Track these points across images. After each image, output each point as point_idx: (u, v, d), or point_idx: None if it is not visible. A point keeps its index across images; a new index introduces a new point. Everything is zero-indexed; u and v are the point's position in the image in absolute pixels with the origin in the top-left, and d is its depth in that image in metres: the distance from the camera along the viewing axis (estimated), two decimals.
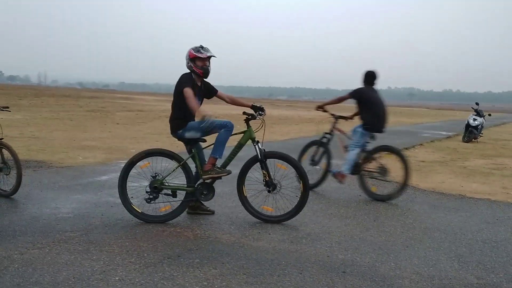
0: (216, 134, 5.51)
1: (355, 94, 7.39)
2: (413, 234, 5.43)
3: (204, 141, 5.63)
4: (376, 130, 7.34)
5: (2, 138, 6.26)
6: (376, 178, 7.28)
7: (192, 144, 5.59)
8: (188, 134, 5.50)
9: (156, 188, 5.45)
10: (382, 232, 5.44)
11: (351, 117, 7.91)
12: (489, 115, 21.25)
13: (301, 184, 5.53)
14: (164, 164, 5.59)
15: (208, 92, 5.75)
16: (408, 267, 4.35)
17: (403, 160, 7.03)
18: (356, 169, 7.29)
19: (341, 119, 7.85)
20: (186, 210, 5.74)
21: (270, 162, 5.63)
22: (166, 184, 5.50)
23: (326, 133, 7.83)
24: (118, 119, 21.16)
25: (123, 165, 5.54)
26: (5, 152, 6.21)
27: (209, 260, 4.26)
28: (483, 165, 11.74)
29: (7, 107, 6.69)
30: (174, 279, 3.82)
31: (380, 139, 7.46)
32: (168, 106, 5.67)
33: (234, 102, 5.95)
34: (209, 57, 5.52)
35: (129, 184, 5.50)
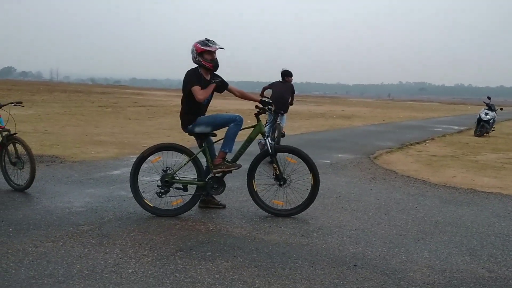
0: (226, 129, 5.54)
1: (269, 86, 10.49)
2: (424, 227, 5.43)
3: (215, 135, 5.66)
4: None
5: (15, 133, 6.33)
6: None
7: (202, 139, 5.62)
8: (198, 129, 5.53)
9: (167, 182, 5.49)
10: (393, 226, 5.45)
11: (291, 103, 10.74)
12: (501, 109, 21.08)
13: (312, 177, 5.55)
14: (175, 159, 5.63)
15: (219, 85, 5.75)
16: (420, 261, 4.36)
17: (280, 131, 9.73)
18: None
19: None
20: (198, 204, 5.78)
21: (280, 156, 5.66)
22: (177, 178, 5.54)
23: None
24: (129, 115, 21.28)
25: (135, 160, 5.58)
26: (18, 147, 6.28)
27: (220, 253, 4.30)
28: (495, 159, 11.68)
29: (21, 102, 6.76)
30: (187, 271, 3.86)
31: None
32: (178, 101, 5.71)
33: (243, 96, 5.98)
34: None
35: (140, 178, 5.55)
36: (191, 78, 5.47)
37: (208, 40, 5.51)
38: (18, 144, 6.27)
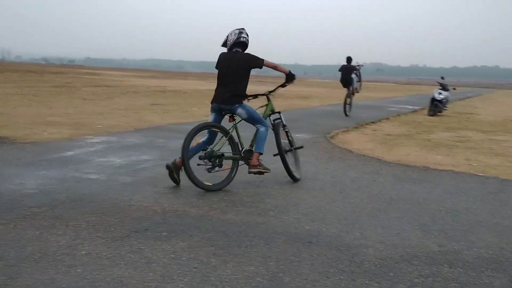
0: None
1: (340, 69, 16.87)
2: (378, 205, 5.54)
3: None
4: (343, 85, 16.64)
5: None
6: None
7: (233, 118, 6.15)
8: (240, 111, 6.00)
9: (216, 157, 5.86)
10: (348, 203, 5.54)
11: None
12: (454, 89, 21.64)
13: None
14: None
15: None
16: (373, 236, 4.45)
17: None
18: None
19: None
20: (252, 171, 6.08)
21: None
22: (219, 153, 5.93)
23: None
24: (84, 95, 20.80)
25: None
26: None
27: (176, 233, 4.27)
28: (448, 138, 12.00)
29: None
30: (142, 252, 3.82)
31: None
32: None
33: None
34: None
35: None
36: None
37: None
38: None
